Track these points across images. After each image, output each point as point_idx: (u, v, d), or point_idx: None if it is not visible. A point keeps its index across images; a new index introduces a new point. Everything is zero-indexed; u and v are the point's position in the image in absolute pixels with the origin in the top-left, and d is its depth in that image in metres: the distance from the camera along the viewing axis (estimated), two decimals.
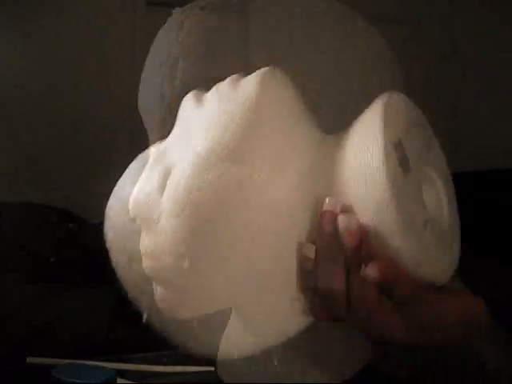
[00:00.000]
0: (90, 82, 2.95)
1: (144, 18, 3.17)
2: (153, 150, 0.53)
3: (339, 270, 0.41)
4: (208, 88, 0.52)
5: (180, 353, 0.85)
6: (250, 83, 0.48)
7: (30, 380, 0.74)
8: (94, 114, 2.93)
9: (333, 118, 0.51)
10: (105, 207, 0.63)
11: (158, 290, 0.47)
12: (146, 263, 0.47)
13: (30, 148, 2.77)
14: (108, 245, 0.55)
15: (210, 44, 0.56)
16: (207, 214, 0.44)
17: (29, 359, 0.76)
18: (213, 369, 0.77)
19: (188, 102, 0.52)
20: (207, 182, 0.44)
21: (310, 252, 0.43)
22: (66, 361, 0.67)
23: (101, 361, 0.74)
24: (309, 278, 0.43)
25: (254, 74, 0.49)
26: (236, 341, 0.49)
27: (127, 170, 0.58)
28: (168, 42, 0.61)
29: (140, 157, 0.58)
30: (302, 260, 0.44)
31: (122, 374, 0.72)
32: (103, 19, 2.98)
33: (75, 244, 1.65)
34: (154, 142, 0.56)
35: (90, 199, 2.87)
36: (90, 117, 2.93)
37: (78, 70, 2.92)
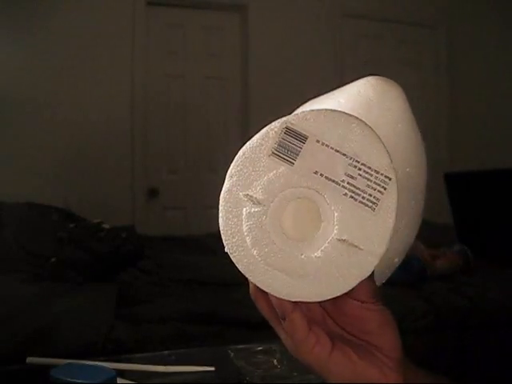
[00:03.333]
0: (90, 81, 2.95)
1: (144, 17, 3.17)
2: None
3: None
4: None
5: (180, 353, 0.84)
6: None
7: (30, 380, 0.74)
8: (94, 113, 2.94)
9: None
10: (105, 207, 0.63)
11: None
12: None
13: (31, 149, 2.77)
14: None
15: None
16: None
17: (29, 359, 0.76)
18: (213, 369, 0.77)
19: None
20: None
21: None
22: (66, 361, 0.66)
23: (101, 361, 0.74)
24: None
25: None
26: None
27: None
28: None
29: None
30: None
31: (122, 374, 0.71)
32: (103, 19, 2.99)
33: (75, 244, 1.65)
34: None
35: (89, 199, 2.83)
36: (89, 116, 2.93)
37: (78, 69, 2.93)
